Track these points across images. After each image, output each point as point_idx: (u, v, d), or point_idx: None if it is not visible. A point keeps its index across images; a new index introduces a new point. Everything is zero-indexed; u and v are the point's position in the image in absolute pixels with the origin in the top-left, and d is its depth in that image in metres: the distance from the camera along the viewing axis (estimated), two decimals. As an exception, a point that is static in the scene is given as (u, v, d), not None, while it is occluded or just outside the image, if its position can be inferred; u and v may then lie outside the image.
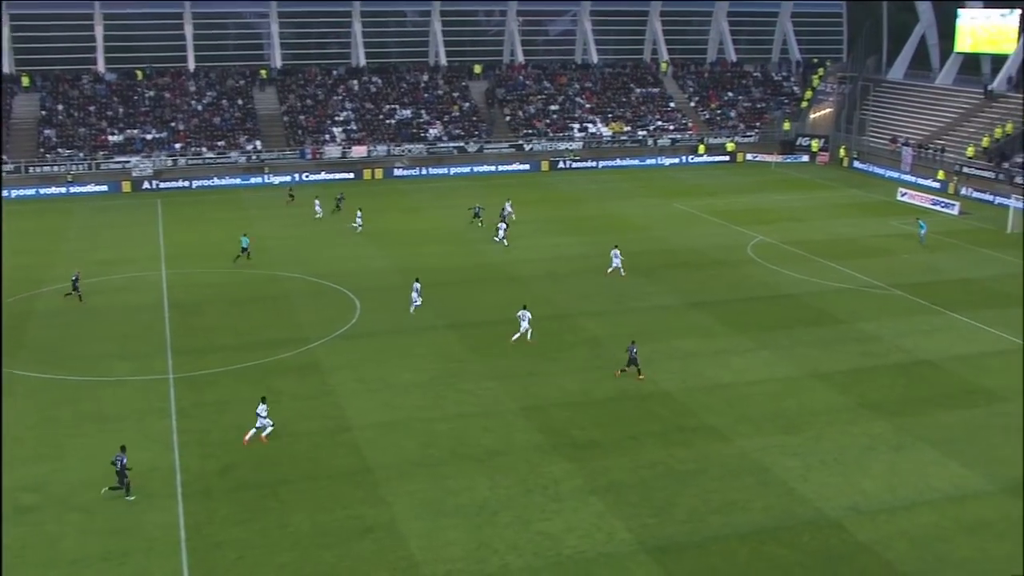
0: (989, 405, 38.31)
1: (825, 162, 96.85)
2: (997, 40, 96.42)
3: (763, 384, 40.14)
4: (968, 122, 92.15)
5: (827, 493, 31.26)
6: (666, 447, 34.37)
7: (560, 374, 40.80)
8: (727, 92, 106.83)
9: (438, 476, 32.15)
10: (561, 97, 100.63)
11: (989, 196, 78.06)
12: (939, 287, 53.82)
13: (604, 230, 65.95)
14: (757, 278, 55.51)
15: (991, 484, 31.95)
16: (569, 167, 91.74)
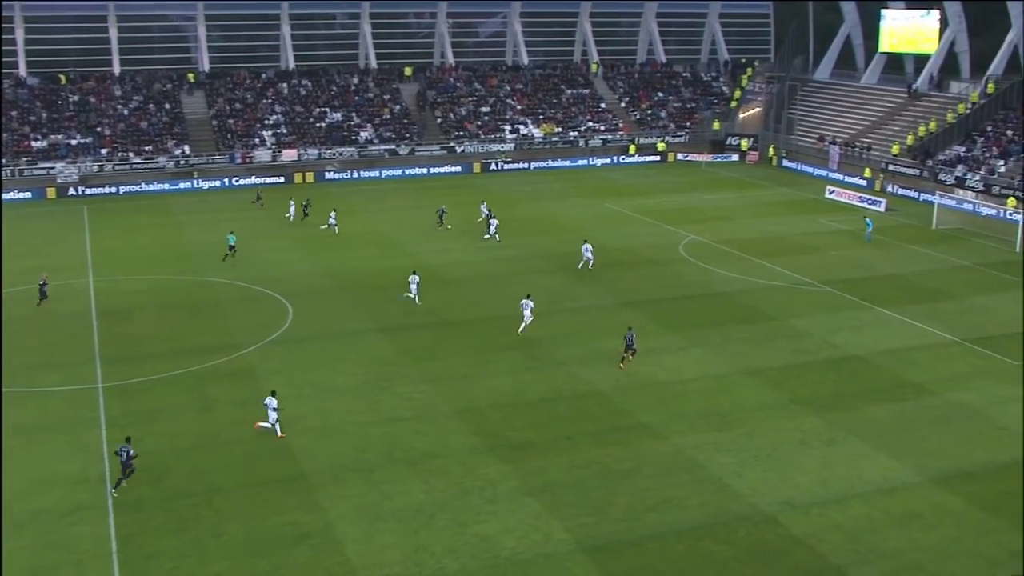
0: (917, 398, 39.07)
1: (755, 161, 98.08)
2: (919, 40, 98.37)
3: (696, 382, 40.53)
4: (893, 120, 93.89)
5: (761, 488, 31.65)
6: (601, 446, 34.55)
7: (494, 376, 40.82)
8: (657, 92, 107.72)
9: (373, 480, 32.00)
10: (492, 99, 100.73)
11: (914, 193, 79.58)
12: (867, 283, 54.76)
13: (537, 231, 66.13)
14: (689, 277, 56.04)
15: (920, 476, 32.58)
16: (501, 169, 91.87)
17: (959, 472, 32.87)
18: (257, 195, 77.29)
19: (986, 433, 35.93)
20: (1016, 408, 38.13)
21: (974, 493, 31.46)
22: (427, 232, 66.14)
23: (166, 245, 63.06)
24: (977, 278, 56.53)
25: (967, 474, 32.75)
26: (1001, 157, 79.98)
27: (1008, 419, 37.12)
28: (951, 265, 59.32)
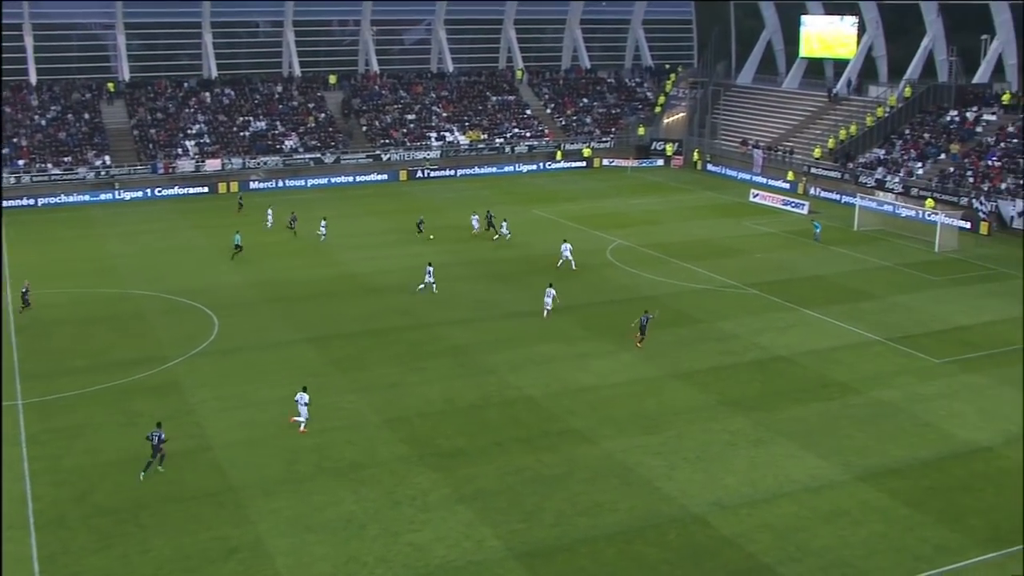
0: (842, 397, 39.72)
1: (679, 166, 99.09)
2: (838, 46, 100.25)
3: (625, 386, 40.79)
4: (814, 124, 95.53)
5: (691, 490, 31.93)
6: (532, 452, 34.60)
7: (423, 384, 40.70)
8: (582, 99, 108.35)
9: (303, 492, 31.69)
10: (418, 106, 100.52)
11: (836, 195, 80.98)
12: (792, 284, 55.57)
13: (464, 239, 66.09)
14: (616, 281, 56.39)
15: (846, 473, 33.12)
16: (427, 176, 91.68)
17: (884, 469, 33.47)
18: (239, 201, 76.97)
19: (909, 430, 36.64)
20: (937, 405, 38.95)
21: (899, 489, 32.05)
22: (354, 240, 65.73)
23: (87, 258, 61.89)
24: (898, 278, 57.67)
25: (892, 471, 33.36)
26: (919, 159, 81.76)
27: (930, 416, 37.89)
28: (872, 266, 60.44)
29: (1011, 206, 69.80)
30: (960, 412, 38.32)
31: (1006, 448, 35.19)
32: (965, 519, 30.23)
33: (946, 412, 38.32)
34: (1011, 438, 35.98)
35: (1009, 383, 41.25)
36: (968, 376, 42.08)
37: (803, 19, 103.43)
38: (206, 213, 72.03)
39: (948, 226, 66.00)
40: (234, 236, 61.93)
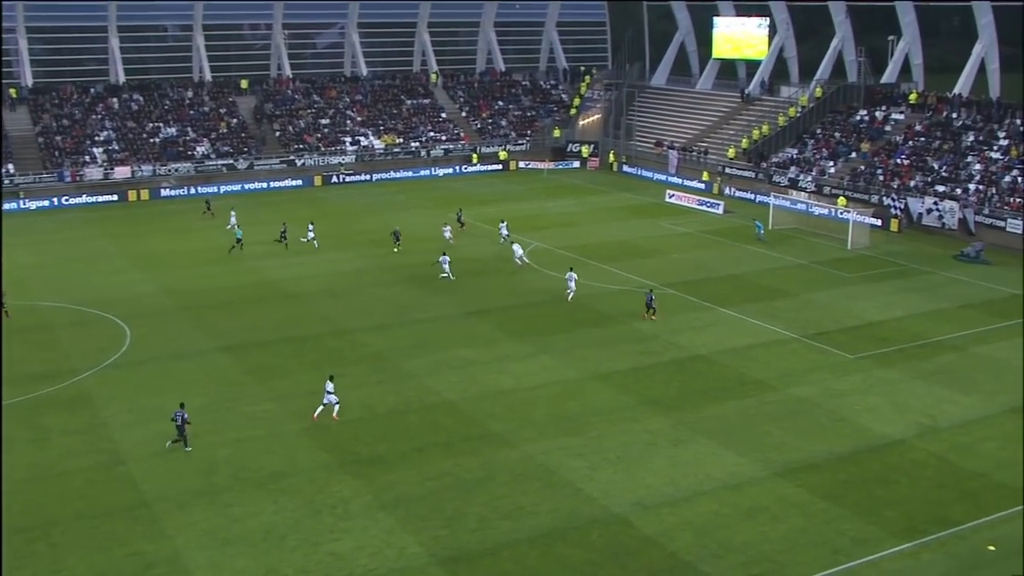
0: (760, 394, 40.35)
1: (596, 167, 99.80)
2: (750, 47, 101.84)
3: (545, 388, 40.96)
4: (728, 124, 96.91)
5: (612, 490, 32.17)
6: (453, 457, 34.58)
7: (342, 391, 40.27)
8: (497, 101, 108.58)
9: (221, 504, 31.26)
10: (332, 111, 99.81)
11: (750, 195, 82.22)
12: (708, 284, 56.30)
13: (381, 243, 65.79)
14: (535, 284, 56.61)
15: (764, 470, 33.65)
16: (343, 181, 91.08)
17: (802, 464, 34.08)
18: (207, 204, 76.01)
19: (826, 425, 37.36)
20: (852, 400, 39.78)
21: (817, 484, 32.66)
22: (270, 247, 65.04)
23: None
24: (812, 275, 58.77)
25: (809, 466, 33.98)
26: (831, 158, 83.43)
27: (846, 411, 38.68)
28: (787, 264, 61.51)
29: (919, 203, 71.55)
30: (874, 406, 39.19)
31: (919, 440, 36.07)
32: (881, 511, 30.91)
33: (861, 407, 39.15)
34: (924, 431, 36.90)
35: (921, 377, 42.31)
36: (882, 371, 43.04)
37: (715, 20, 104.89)
38: (116, 221, 70.73)
39: (860, 224, 67.47)
40: (236, 231, 64.79)
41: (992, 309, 52.30)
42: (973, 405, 39.38)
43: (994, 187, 70.86)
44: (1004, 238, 66.64)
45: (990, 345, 46.55)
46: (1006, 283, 57.46)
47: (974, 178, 72.78)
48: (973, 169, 73.95)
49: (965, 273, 59.83)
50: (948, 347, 46.23)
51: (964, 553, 28.71)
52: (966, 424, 37.57)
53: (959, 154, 76.31)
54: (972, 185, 71.85)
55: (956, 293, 55.35)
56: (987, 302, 53.66)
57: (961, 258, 63.01)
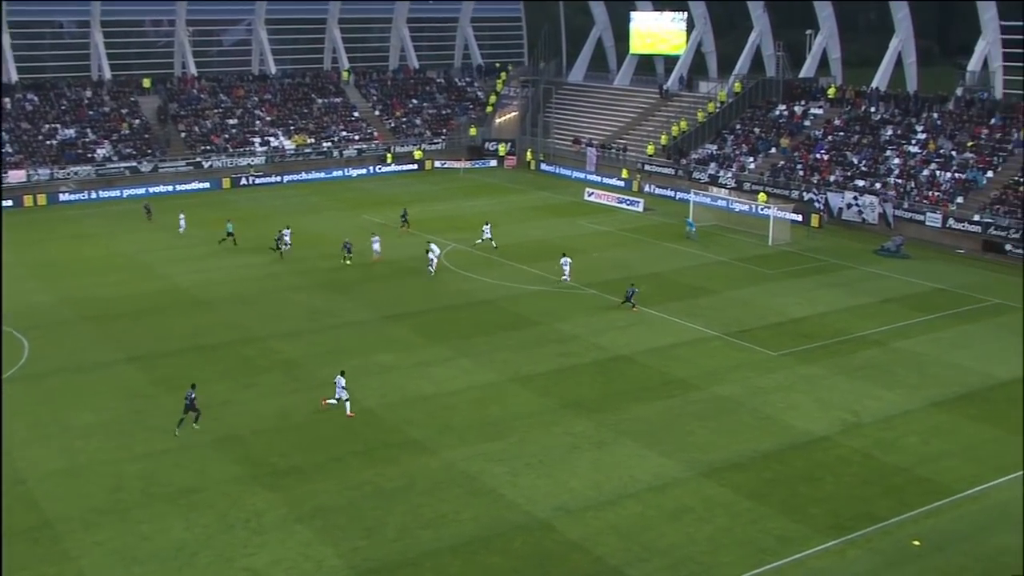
0: (684, 394, 40.81)
1: (513, 166, 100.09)
2: (667, 42, 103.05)
3: (465, 393, 40.96)
4: (647, 121, 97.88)
5: (535, 496, 32.28)
6: (372, 465, 34.42)
7: (256, 400, 40.00)
8: (412, 100, 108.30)
9: (129, 521, 30.71)
10: (239, 110, 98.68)
11: (670, 192, 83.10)
12: (629, 283, 56.66)
13: (295, 245, 65.17)
14: (453, 286, 56.58)
15: (689, 470, 34.04)
16: (252, 183, 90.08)
17: (726, 464, 34.55)
18: (146, 207, 74.62)
19: (750, 423, 37.93)
20: (776, 397, 40.43)
21: (741, 483, 33.14)
22: (176, 252, 64.13)
23: None
24: (733, 273, 59.61)
25: (734, 465, 34.46)
26: (750, 154, 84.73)
27: (769, 409, 39.30)
28: (708, 261, 62.29)
29: (839, 198, 72.98)
30: (798, 403, 39.89)
31: (843, 437, 36.80)
32: (806, 509, 31.47)
33: (784, 404, 39.83)
34: (847, 427, 37.66)
35: (844, 373, 43.17)
36: (804, 367, 43.83)
37: (632, 16, 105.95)
38: (12, 228, 69.07)
39: (780, 220, 68.63)
40: (227, 224, 65.98)
41: (913, 303, 53.57)
42: (895, 400, 40.29)
43: (913, 181, 72.60)
44: (923, 232, 68.36)
45: (911, 339, 47.67)
46: (926, 277, 58.90)
47: (893, 172, 74.48)
48: (892, 163, 75.67)
49: (886, 268, 61.19)
50: (870, 342, 47.24)
51: (889, 549, 29.36)
52: (889, 419, 38.42)
53: (878, 148, 78.05)
54: (891, 179, 73.52)
55: (877, 288, 56.57)
56: (908, 296, 54.95)
57: (881, 253, 64.42)
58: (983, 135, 74.52)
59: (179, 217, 70.47)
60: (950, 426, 37.87)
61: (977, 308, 53.00)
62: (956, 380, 42.46)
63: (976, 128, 75.42)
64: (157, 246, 65.70)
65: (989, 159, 71.94)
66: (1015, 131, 73.32)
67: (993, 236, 65.19)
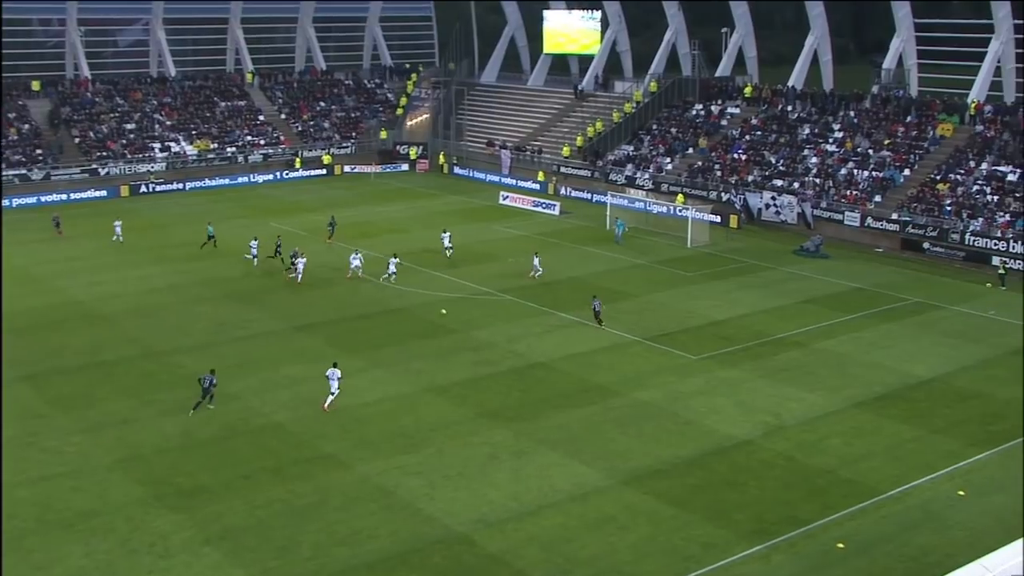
0: (603, 401, 41.04)
1: (425, 170, 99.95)
2: (581, 41, 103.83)
3: (379, 404, 40.74)
4: (562, 122, 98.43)
5: (454, 509, 32.18)
6: (283, 482, 34.03)
7: (158, 418, 39.30)
8: (319, 102, 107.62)
9: (22, 550, 29.90)
10: (138, 114, 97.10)
11: (587, 194, 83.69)
12: (547, 288, 56.97)
13: (196, 256, 64.36)
14: (365, 294, 56.28)
15: (610, 478, 34.22)
16: (152, 191, 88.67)
17: (648, 471, 34.81)
18: (55, 219, 72.27)
19: (671, 429, 38.27)
20: (697, 402, 40.87)
21: (664, 490, 33.40)
22: (74, 264, 62.84)
23: None
24: (652, 276, 60.18)
25: (656, 472, 34.74)
26: (667, 154, 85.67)
27: (691, 413, 39.71)
28: (626, 264, 62.80)
29: (758, 198, 74.12)
30: (720, 407, 40.36)
31: (765, 440, 37.32)
32: (730, 514, 31.83)
33: (706, 408, 40.27)
34: (770, 430, 38.20)
35: (765, 375, 43.81)
36: (725, 371, 44.38)
37: (545, 14, 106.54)
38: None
39: (699, 221, 69.48)
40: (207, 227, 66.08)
41: (833, 303, 54.58)
42: (817, 402, 40.98)
43: (831, 180, 74.00)
44: (842, 231, 69.76)
45: (832, 340, 48.57)
46: (846, 276, 60.08)
47: (811, 171, 75.83)
48: (810, 162, 77.08)
49: (805, 268, 62.29)
50: (791, 344, 48.02)
51: (813, 553, 29.81)
52: (811, 421, 39.07)
53: (795, 147, 79.45)
54: (809, 178, 74.84)
55: (797, 288, 57.54)
56: (828, 296, 55.98)
57: (801, 253, 65.56)
58: (899, 133, 76.31)
59: (114, 225, 69.12)
60: (872, 427, 38.60)
61: (897, 307, 54.19)
62: (877, 380, 43.34)
63: (892, 126, 77.20)
64: (53, 258, 64.31)
65: (906, 157, 73.67)
66: (930, 129, 75.27)
67: (911, 235, 66.73)
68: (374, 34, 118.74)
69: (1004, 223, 63.80)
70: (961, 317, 52.72)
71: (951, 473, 34.69)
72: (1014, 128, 71.42)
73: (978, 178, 68.92)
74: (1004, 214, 64.66)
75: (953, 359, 46.15)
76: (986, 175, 68.86)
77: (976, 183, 68.54)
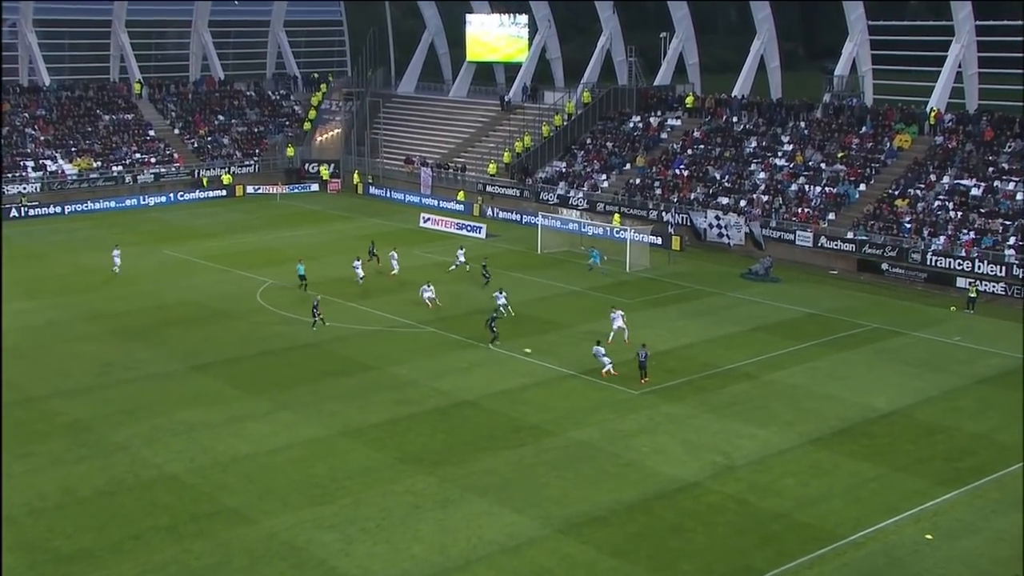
0: (536, 441, 41.02)
1: (337, 190, 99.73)
2: (507, 48, 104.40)
3: (287, 451, 40.34)
4: (487, 137, 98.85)
5: (373, 565, 31.89)
6: (178, 541, 33.47)
7: (33, 473, 38.43)
8: (217, 116, 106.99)
9: None
10: (6, 128, 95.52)
11: (515, 215, 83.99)
12: (472, 319, 56.87)
13: (78, 289, 63.42)
14: (270, 328, 55.85)
15: (545, 527, 34.15)
16: (25, 215, 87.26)
17: (586, 518, 34.78)
18: None
19: (611, 471, 38.33)
20: (639, 440, 41.00)
21: (604, 539, 33.38)
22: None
23: None
24: (588, 303, 60.41)
25: (595, 519, 34.72)
26: (603, 171, 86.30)
27: (632, 454, 39.81)
28: (559, 291, 63.06)
29: (702, 218, 74.83)
30: (663, 447, 40.52)
31: (714, 482, 37.49)
32: (676, 564, 31.88)
33: (649, 448, 40.39)
34: (719, 470, 38.40)
35: (712, 410, 44.09)
36: (669, 406, 44.61)
37: (468, 19, 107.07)
38: None
39: (638, 243, 69.96)
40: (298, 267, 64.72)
41: (784, 331, 55.20)
42: (770, 438, 41.31)
43: (780, 197, 74.96)
44: (793, 252, 70.67)
45: (784, 370, 49.07)
46: (798, 301, 60.83)
47: (759, 188, 76.79)
48: (757, 178, 78.06)
49: (754, 293, 62.97)
50: (740, 375, 48.43)
51: (769, 604, 29.98)
52: (763, 460, 39.35)
53: (742, 162, 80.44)
54: (756, 195, 75.75)
55: (745, 315, 58.12)
56: (779, 323, 56.62)
57: (749, 276, 66.28)
58: (854, 145, 77.61)
59: (113, 254, 67.90)
60: (830, 465, 38.97)
61: (854, 334, 54.93)
62: (834, 414, 43.80)
63: (846, 137, 78.49)
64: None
65: (861, 171, 74.91)
66: (887, 140, 76.59)
67: (868, 255, 67.82)
68: (278, 40, 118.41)
69: (968, 242, 65.10)
70: (923, 344, 53.57)
71: (916, 515, 35.06)
72: (977, 139, 73.01)
73: (939, 193, 70.26)
74: (968, 232, 65.98)
75: (916, 390, 46.81)
76: (948, 190, 70.24)
77: (937, 199, 69.89)
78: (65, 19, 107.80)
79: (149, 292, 63.05)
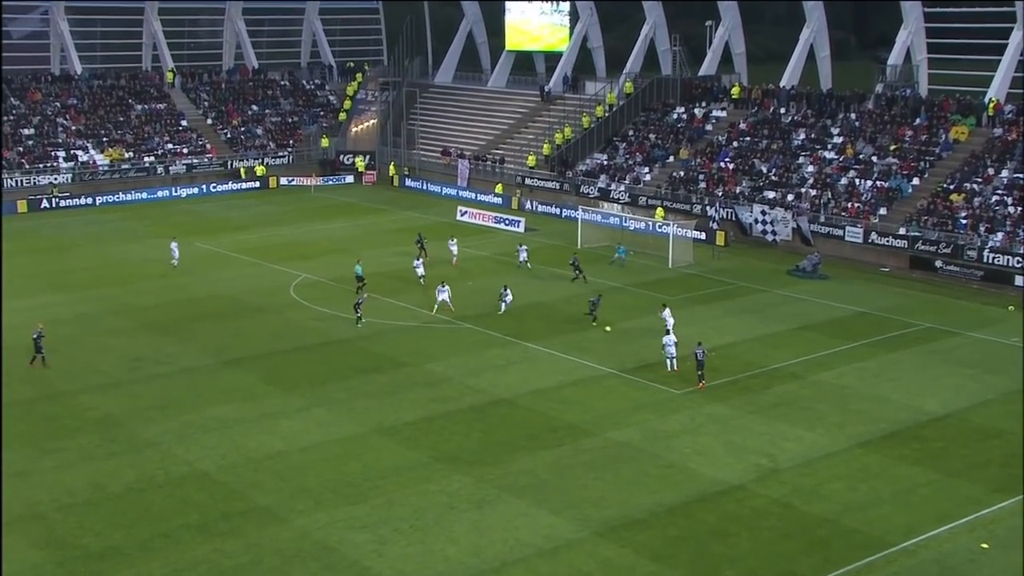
0: (574, 441, 41.02)
1: (372, 182, 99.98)
2: (549, 36, 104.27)
3: (320, 448, 40.54)
4: (527, 128, 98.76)
5: (406, 567, 32.00)
6: (209, 540, 33.72)
7: (62, 469, 38.82)
8: (251, 106, 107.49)
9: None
10: (37, 118, 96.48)
11: (555, 209, 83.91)
12: (509, 315, 56.96)
13: (109, 282, 63.93)
14: (304, 324, 56.12)
15: (583, 529, 34.16)
16: (56, 206, 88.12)
17: (626, 520, 34.75)
18: None
19: (651, 473, 38.27)
20: (680, 442, 40.92)
21: (644, 542, 33.34)
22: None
23: None
24: (629, 300, 60.33)
25: (635, 522, 34.68)
26: (645, 164, 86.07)
27: (674, 455, 39.73)
28: (600, 288, 62.74)
29: (748, 212, 74.49)
30: (706, 448, 40.41)
31: (758, 485, 37.35)
32: (719, 570, 31.81)
33: (691, 449, 40.31)
34: (763, 473, 38.25)
35: (757, 411, 43.92)
36: (712, 406, 44.48)
37: (507, 6, 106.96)
38: None
39: (681, 238, 69.72)
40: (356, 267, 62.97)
41: (833, 330, 54.89)
42: (817, 441, 41.10)
43: (829, 191, 74.53)
44: (842, 248, 70.19)
45: (832, 371, 48.81)
46: (847, 299, 60.47)
47: (807, 182, 76.36)
48: (805, 171, 77.63)
49: (801, 290, 62.64)
50: (786, 375, 48.21)
51: (814, 612, 29.87)
52: (810, 463, 39.16)
53: (789, 155, 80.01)
54: (805, 189, 75.34)
55: (792, 313, 57.85)
56: (827, 322, 56.30)
57: (796, 273, 65.95)
58: (907, 137, 77.00)
59: (171, 247, 68.60)
60: (879, 469, 38.75)
61: (905, 333, 54.57)
62: (884, 416, 43.54)
63: (899, 129, 77.90)
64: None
65: (915, 164, 74.33)
66: (942, 132, 75.95)
67: (921, 252, 67.30)
68: (313, 28, 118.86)
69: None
70: (979, 344, 53.14)
71: (971, 523, 34.79)
72: (1038, 131, 72.27)
73: (997, 187, 69.60)
74: (1025, 228, 65.42)
75: (970, 392, 46.45)
76: (1007, 184, 69.56)
77: (995, 193, 69.23)
78: (98, 6, 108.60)
79: (180, 285, 63.51)
